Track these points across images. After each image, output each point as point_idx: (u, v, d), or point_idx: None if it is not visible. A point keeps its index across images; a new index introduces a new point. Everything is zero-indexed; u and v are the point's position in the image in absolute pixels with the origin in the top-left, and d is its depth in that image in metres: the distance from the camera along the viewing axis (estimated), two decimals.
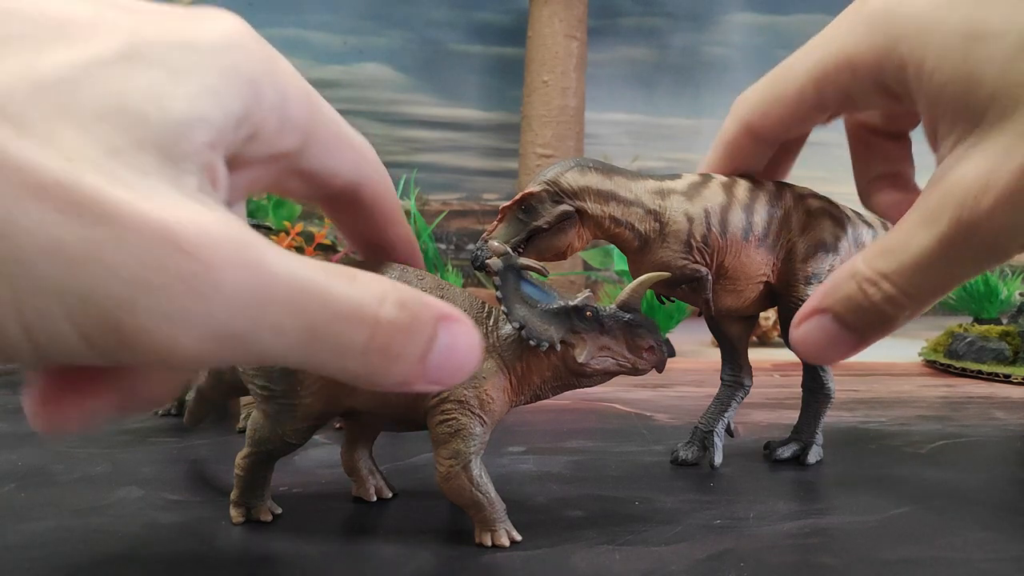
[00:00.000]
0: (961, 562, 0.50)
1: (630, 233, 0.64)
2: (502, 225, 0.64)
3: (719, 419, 0.73)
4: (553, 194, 0.63)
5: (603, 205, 0.63)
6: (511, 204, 0.63)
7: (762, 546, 0.52)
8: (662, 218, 0.64)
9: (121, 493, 0.63)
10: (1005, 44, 0.41)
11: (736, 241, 0.65)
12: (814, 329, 0.52)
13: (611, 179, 0.64)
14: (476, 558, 0.50)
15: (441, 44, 2.22)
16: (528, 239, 0.63)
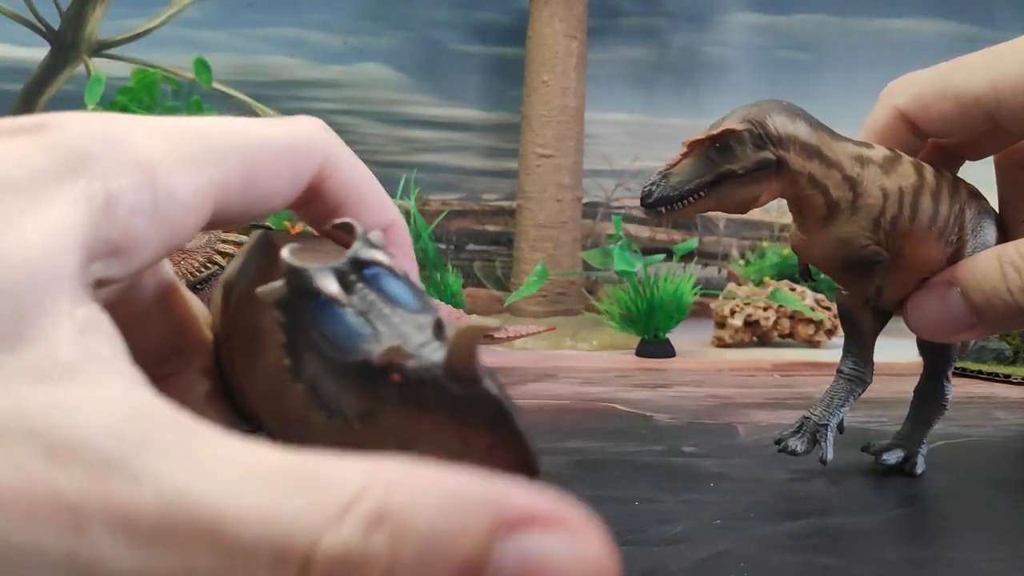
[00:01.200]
0: (961, 562, 0.50)
1: (822, 198, 0.56)
2: (687, 160, 0.55)
3: (836, 413, 0.67)
4: (757, 136, 0.54)
5: (807, 160, 0.55)
6: (704, 139, 0.55)
7: (762, 546, 0.52)
8: (857, 188, 0.56)
9: None
10: None
11: (922, 228, 0.57)
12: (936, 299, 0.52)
13: (817, 133, 0.56)
14: None
15: (441, 44, 2.22)
16: (714, 182, 0.55)
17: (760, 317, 1.67)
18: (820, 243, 0.58)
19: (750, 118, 0.54)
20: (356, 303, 0.33)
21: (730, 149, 0.54)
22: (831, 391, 0.67)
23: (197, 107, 1.64)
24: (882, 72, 2.13)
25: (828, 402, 0.67)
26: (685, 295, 1.60)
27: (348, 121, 2.19)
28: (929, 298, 0.53)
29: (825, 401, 0.67)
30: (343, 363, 0.31)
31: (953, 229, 0.59)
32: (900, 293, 0.61)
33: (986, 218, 0.62)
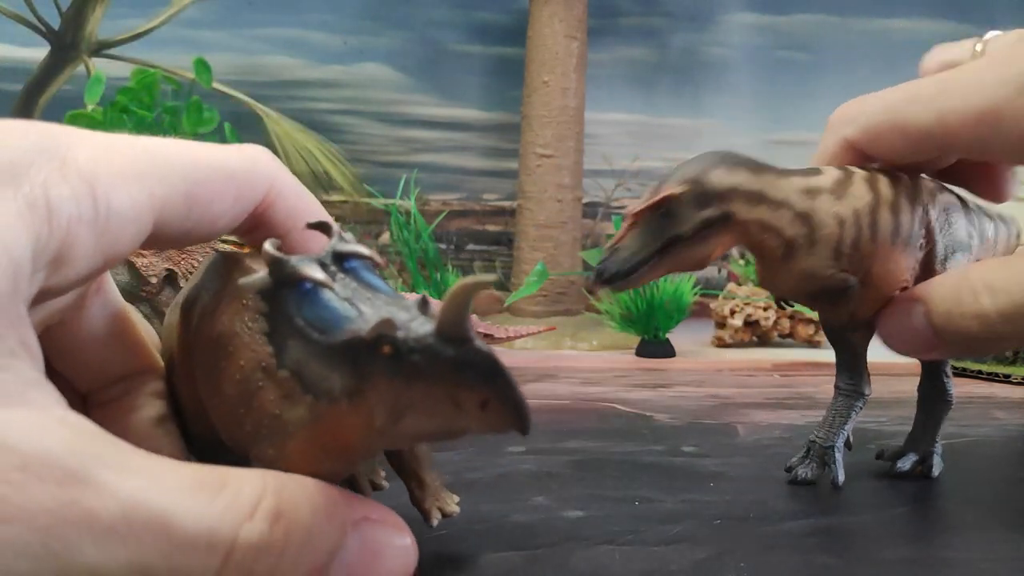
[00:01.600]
0: (961, 562, 0.50)
1: (776, 240, 0.55)
2: (632, 232, 0.54)
3: (839, 432, 0.65)
4: (697, 195, 0.53)
5: (752, 208, 0.54)
6: (645, 208, 0.54)
7: (762, 546, 0.52)
8: (811, 221, 0.55)
9: None
10: None
11: (885, 245, 0.56)
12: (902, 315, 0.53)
13: (760, 177, 0.55)
14: (476, 558, 0.50)
15: (441, 44, 2.22)
16: (663, 249, 0.54)
17: (760, 317, 1.67)
18: (784, 279, 0.58)
19: (688, 179, 0.53)
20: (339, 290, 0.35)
21: (673, 214, 0.53)
22: (832, 410, 0.66)
23: (197, 107, 1.64)
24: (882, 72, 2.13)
25: (831, 422, 0.66)
26: (685, 295, 1.61)
27: (348, 121, 2.19)
28: (895, 314, 0.54)
29: (828, 421, 0.66)
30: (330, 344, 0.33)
31: (919, 235, 0.58)
32: (876, 308, 0.59)
33: (953, 212, 0.61)
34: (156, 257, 0.83)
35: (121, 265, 0.82)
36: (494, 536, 0.54)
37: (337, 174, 2.18)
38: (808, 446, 0.67)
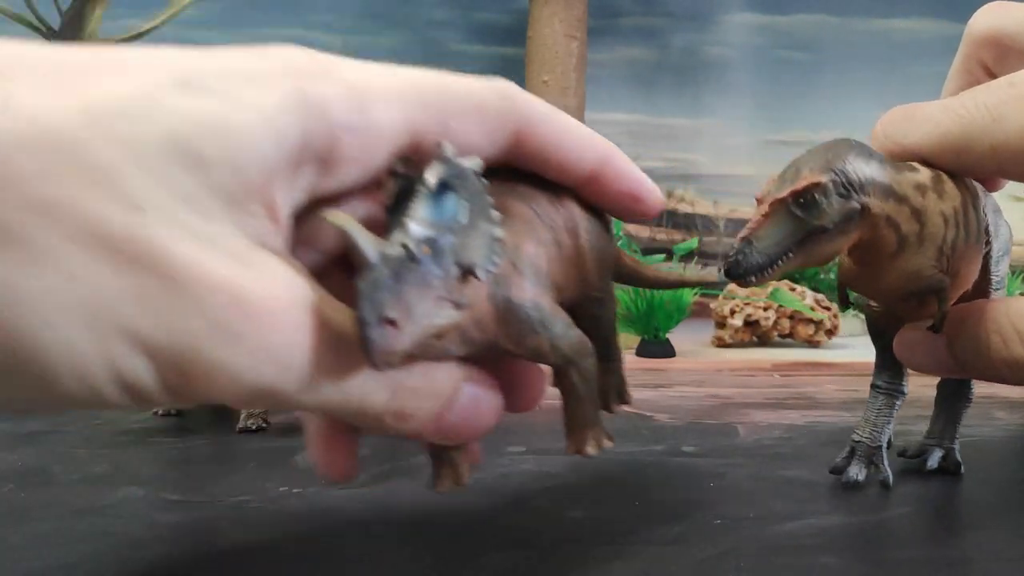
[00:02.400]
0: (961, 562, 0.50)
1: (894, 235, 0.53)
2: (769, 221, 0.51)
3: (884, 431, 0.65)
4: (841, 185, 0.50)
5: (883, 201, 0.52)
6: (786, 196, 0.50)
7: (762, 546, 0.52)
8: (922, 218, 0.53)
9: (121, 493, 0.63)
10: None
11: (972, 245, 0.55)
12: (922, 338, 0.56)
13: (886, 170, 0.52)
14: (477, 558, 0.50)
15: (441, 44, 2.22)
16: (802, 241, 0.51)
17: (760, 317, 1.67)
18: (886, 278, 0.55)
19: (832, 166, 0.50)
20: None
21: (815, 203, 0.50)
22: (873, 409, 0.65)
23: None
24: (882, 72, 2.13)
25: (874, 421, 0.65)
26: (685, 295, 1.60)
27: None
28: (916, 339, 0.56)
29: (871, 421, 0.65)
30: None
31: (984, 236, 0.58)
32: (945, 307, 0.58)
33: (999, 215, 0.62)
34: None
35: None
36: (494, 536, 0.54)
37: None
38: (853, 447, 0.65)
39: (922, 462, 0.69)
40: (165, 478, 0.68)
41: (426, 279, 0.38)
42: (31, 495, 0.62)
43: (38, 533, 0.54)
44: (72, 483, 0.66)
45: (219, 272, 0.31)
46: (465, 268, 0.39)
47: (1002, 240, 0.62)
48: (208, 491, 0.64)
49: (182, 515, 0.58)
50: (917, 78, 2.13)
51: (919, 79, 2.13)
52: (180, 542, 0.53)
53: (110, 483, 0.65)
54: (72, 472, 0.69)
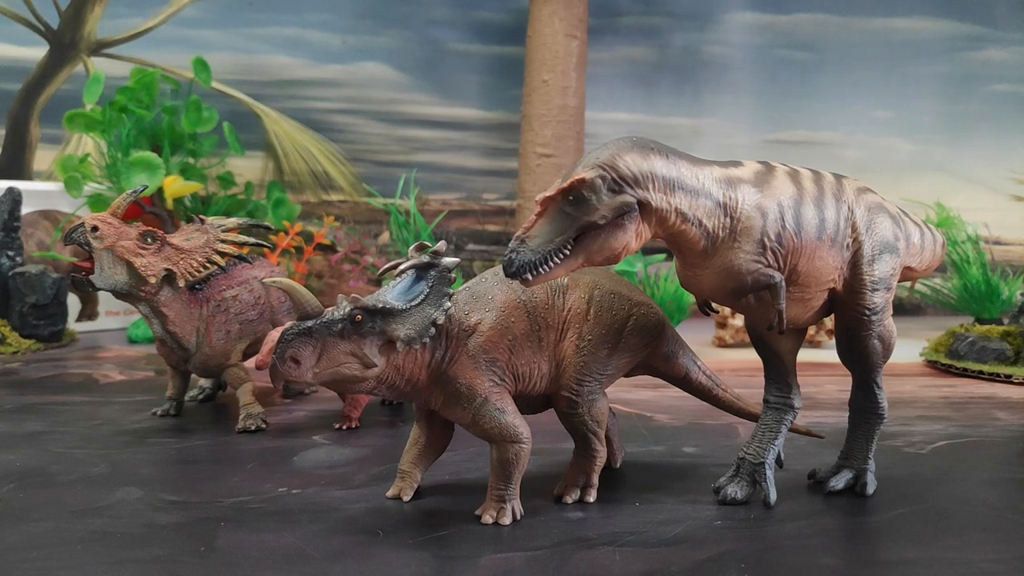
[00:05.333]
0: (961, 562, 0.50)
1: (697, 231, 0.53)
2: (543, 220, 0.51)
3: (769, 448, 0.62)
4: (610, 181, 0.50)
5: (669, 195, 0.51)
6: (555, 193, 0.50)
7: (762, 547, 0.52)
8: (733, 212, 0.53)
9: (120, 494, 0.63)
10: None
11: (811, 240, 0.55)
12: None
13: (675, 164, 0.52)
14: (476, 559, 0.50)
15: (441, 43, 2.22)
16: (576, 238, 0.51)
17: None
18: (707, 276, 0.55)
19: (600, 163, 0.50)
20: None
21: (584, 200, 0.50)
22: (761, 425, 0.63)
23: (196, 106, 1.64)
24: (882, 72, 2.14)
25: (760, 437, 0.62)
26: (685, 295, 1.60)
27: (348, 121, 2.19)
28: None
29: (758, 437, 0.62)
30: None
31: (846, 232, 0.56)
32: (806, 309, 0.58)
33: (878, 213, 0.59)
34: (155, 257, 0.83)
35: (119, 264, 0.82)
36: (494, 537, 0.54)
37: (336, 173, 2.18)
38: (737, 463, 0.62)
39: (825, 482, 0.64)
40: (163, 478, 0.68)
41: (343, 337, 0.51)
42: (30, 495, 0.62)
43: (37, 533, 0.54)
44: (71, 483, 0.65)
45: None
46: (387, 337, 0.52)
47: (877, 238, 0.59)
48: (207, 491, 0.64)
49: (181, 515, 0.58)
50: (917, 78, 2.13)
51: (919, 79, 2.13)
52: (179, 542, 0.53)
53: (108, 483, 0.65)
54: (71, 472, 0.68)
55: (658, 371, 0.67)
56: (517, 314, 0.58)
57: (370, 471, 0.69)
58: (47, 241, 1.65)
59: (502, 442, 0.56)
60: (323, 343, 0.51)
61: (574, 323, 0.59)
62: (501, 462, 0.56)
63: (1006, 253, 2.51)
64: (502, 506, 0.56)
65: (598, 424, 0.61)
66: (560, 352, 0.59)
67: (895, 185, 2.49)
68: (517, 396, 0.57)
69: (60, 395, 1.03)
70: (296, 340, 0.51)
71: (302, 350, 0.51)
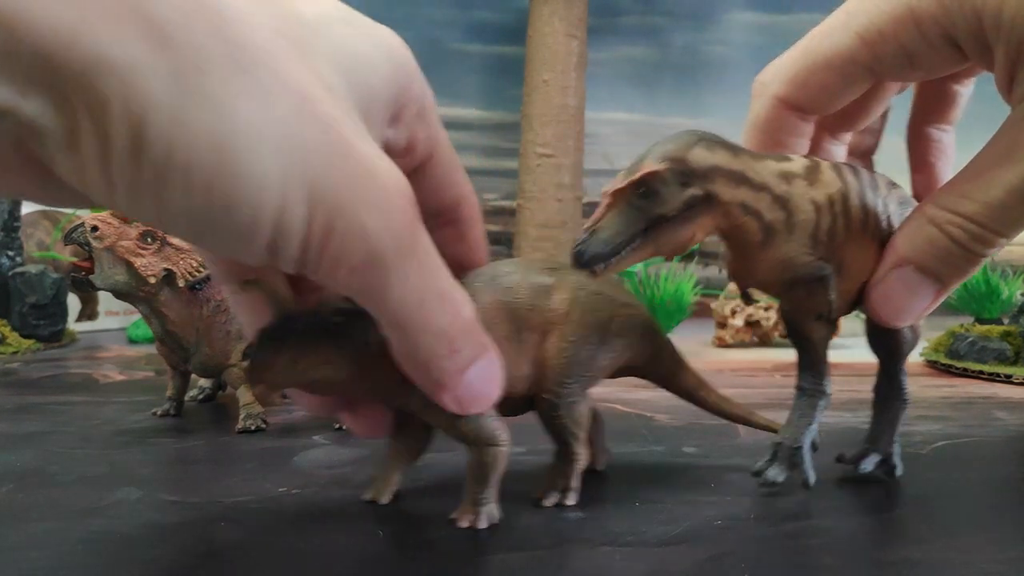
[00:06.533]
0: (961, 562, 0.50)
1: (756, 223, 0.54)
2: (612, 212, 0.52)
3: (807, 432, 0.62)
4: (679, 174, 0.52)
5: (735, 188, 0.53)
6: (625, 186, 0.52)
7: (763, 547, 0.52)
8: (789, 205, 0.54)
9: (119, 494, 0.63)
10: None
11: (857, 233, 0.56)
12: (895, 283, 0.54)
13: (739, 158, 0.54)
14: (476, 559, 0.50)
15: (441, 43, 2.21)
16: (646, 230, 0.52)
17: (761, 317, 1.67)
18: (761, 268, 0.56)
19: (669, 156, 0.52)
20: None
21: (655, 193, 0.52)
22: (797, 410, 0.63)
23: None
24: None
25: (796, 423, 0.63)
26: (686, 295, 1.60)
27: None
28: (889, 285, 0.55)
29: (794, 422, 0.63)
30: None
31: (882, 225, 0.58)
32: (847, 301, 0.60)
33: (907, 206, 0.60)
34: (155, 257, 0.83)
35: (119, 264, 0.82)
36: (494, 537, 0.54)
37: None
38: (775, 448, 0.63)
39: (855, 464, 0.66)
40: (163, 479, 0.68)
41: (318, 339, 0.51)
42: (30, 495, 0.62)
43: (37, 533, 0.54)
44: (70, 484, 0.65)
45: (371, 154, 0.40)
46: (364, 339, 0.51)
47: None
48: (207, 491, 0.64)
49: (180, 515, 0.58)
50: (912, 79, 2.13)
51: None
52: (178, 542, 0.53)
53: (108, 484, 0.65)
54: (70, 473, 0.68)
55: (644, 373, 0.66)
56: (500, 316, 0.57)
57: (370, 471, 0.69)
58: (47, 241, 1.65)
59: (480, 445, 0.55)
60: (298, 346, 0.50)
61: (557, 324, 0.58)
62: (479, 465, 0.56)
63: (1006, 253, 2.51)
64: (478, 510, 0.55)
65: (578, 427, 0.60)
66: (542, 354, 0.58)
67: None
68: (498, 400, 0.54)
69: (60, 395, 1.03)
70: (270, 343, 0.50)
71: (276, 353, 0.50)
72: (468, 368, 0.47)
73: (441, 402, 0.49)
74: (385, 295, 0.42)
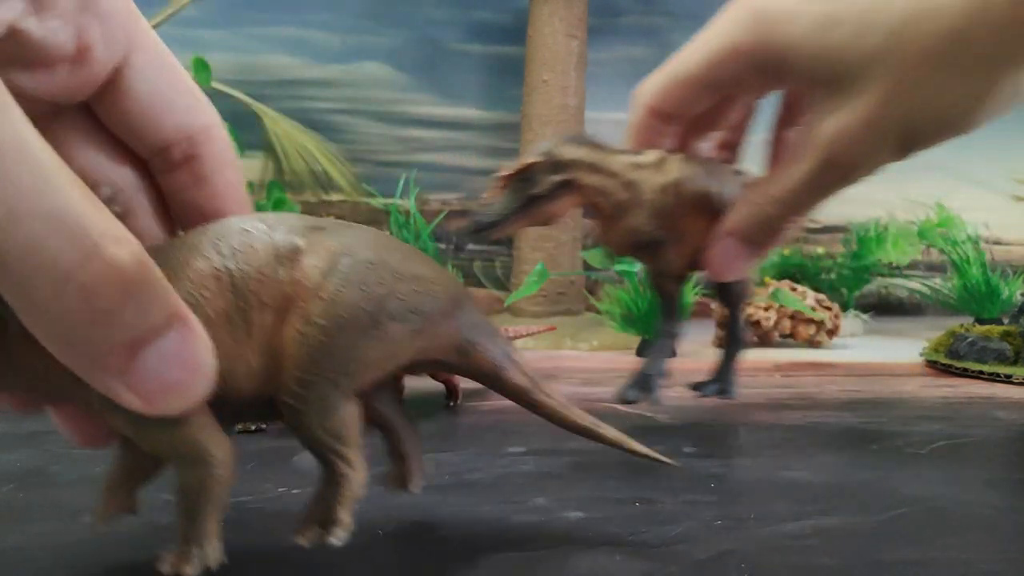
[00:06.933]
0: (961, 563, 0.50)
1: (608, 202, 0.72)
2: (501, 193, 0.70)
3: (659, 362, 0.81)
4: (550, 165, 0.70)
5: (591, 175, 0.71)
6: (512, 173, 0.70)
7: (763, 547, 0.52)
8: (635, 189, 0.71)
9: None
10: (849, 29, 0.54)
11: (694, 210, 0.72)
12: (723, 248, 0.68)
13: (598, 152, 0.71)
14: (475, 558, 0.50)
15: (440, 43, 2.22)
16: (525, 204, 0.70)
17: (761, 317, 1.67)
18: (615, 235, 0.74)
19: (543, 151, 0.70)
20: None
21: (532, 178, 0.70)
22: (658, 346, 0.82)
23: None
24: None
25: (654, 355, 0.82)
26: (686, 295, 1.60)
27: (348, 120, 2.19)
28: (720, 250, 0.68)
29: (652, 355, 0.82)
30: None
31: (715, 204, 0.72)
32: (687, 262, 0.75)
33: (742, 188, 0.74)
34: None
35: None
36: (494, 537, 0.54)
37: (336, 173, 2.18)
38: (633, 375, 0.82)
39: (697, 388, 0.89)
40: (164, 478, 0.68)
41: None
42: (30, 495, 0.62)
43: (37, 533, 0.54)
44: (71, 483, 0.65)
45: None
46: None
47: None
48: None
49: None
50: None
51: None
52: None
53: None
54: (71, 472, 0.68)
55: (451, 366, 0.50)
56: (214, 286, 0.41)
57: (370, 471, 0.69)
58: None
59: (180, 464, 0.42)
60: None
61: (300, 301, 0.42)
62: (182, 491, 0.42)
63: (1006, 253, 2.51)
64: (186, 549, 0.42)
65: (339, 440, 0.45)
66: (279, 341, 0.42)
67: (895, 185, 2.49)
68: (216, 400, 0.39)
69: None
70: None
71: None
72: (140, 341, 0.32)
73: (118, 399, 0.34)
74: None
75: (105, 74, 0.39)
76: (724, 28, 0.63)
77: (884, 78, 0.53)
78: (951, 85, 0.52)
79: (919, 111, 0.53)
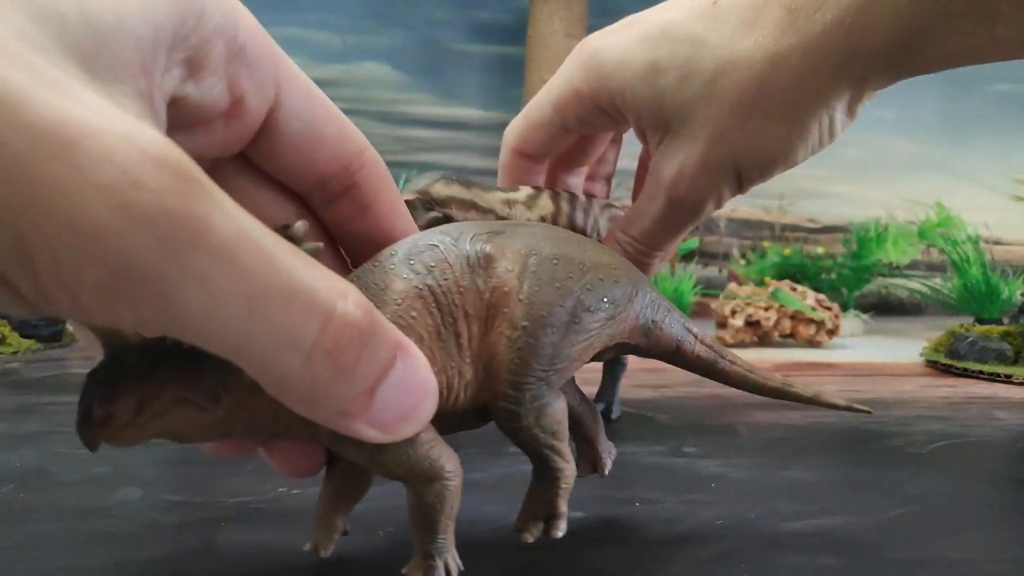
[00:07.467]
0: (961, 562, 0.50)
1: None
2: None
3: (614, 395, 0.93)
4: (424, 202, 0.72)
5: (465, 212, 0.73)
6: None
7: (763, 547, 0.52)
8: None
9: (121, 494, 0.63)
10: (674, 76, 0.58)
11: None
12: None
13: (470, 190, 0.74)
14: (476, 559, 0.50)
15: (441, 43, 2.22)
16: None
17: (761, 317, 1.67)
18: None
19: (417, 189, 0.72)
20: None
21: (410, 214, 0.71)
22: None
23: None
24: None
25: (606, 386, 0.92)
26: (686, 295, 1.60)
27: None
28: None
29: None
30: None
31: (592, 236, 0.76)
32: None
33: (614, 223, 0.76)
34: None
35: None
36: (496, 537, 0.54)
37: None
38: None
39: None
40: (165, 478, 0.68)
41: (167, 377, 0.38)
42: (31, 496, 0.62)
43: (38, 533, 0.54)
44: (72, 484, 0.65)
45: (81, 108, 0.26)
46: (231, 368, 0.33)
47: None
48: (208, 491, 0.64)
49: (182, 515, 0.58)
50: (917, 78, 2.13)
51: (919, 79, 2.13)
52: (180, 542, 0.53)
53: (110, 484, 0.65)
54: (72, 473, 0.68)
55: (638, 349, 0.52)
56: (419, 306, 0.42)
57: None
58: None
59: (417, 482, 0.43)
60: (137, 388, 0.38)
61: (502, 307, 0.44)
62: (419, 508, 0.43)
63: (1006, 253, 2.51)
64: (430, 564, 0.43)
65: (554, 436, 0.46)
66: (487, 349, 0.44)
67: (895, 185, 2.49)
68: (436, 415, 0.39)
69: (60, 395, 1.03)
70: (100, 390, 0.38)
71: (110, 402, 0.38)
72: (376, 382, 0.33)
73: (358, 436, 0.35)
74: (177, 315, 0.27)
75: (259, 121, 0.40)
76: (566, 73, 0.66)
77: (708, 123, 0.57)
78: (765, 127, 0.56)
79: (744, 150, 0.57)
